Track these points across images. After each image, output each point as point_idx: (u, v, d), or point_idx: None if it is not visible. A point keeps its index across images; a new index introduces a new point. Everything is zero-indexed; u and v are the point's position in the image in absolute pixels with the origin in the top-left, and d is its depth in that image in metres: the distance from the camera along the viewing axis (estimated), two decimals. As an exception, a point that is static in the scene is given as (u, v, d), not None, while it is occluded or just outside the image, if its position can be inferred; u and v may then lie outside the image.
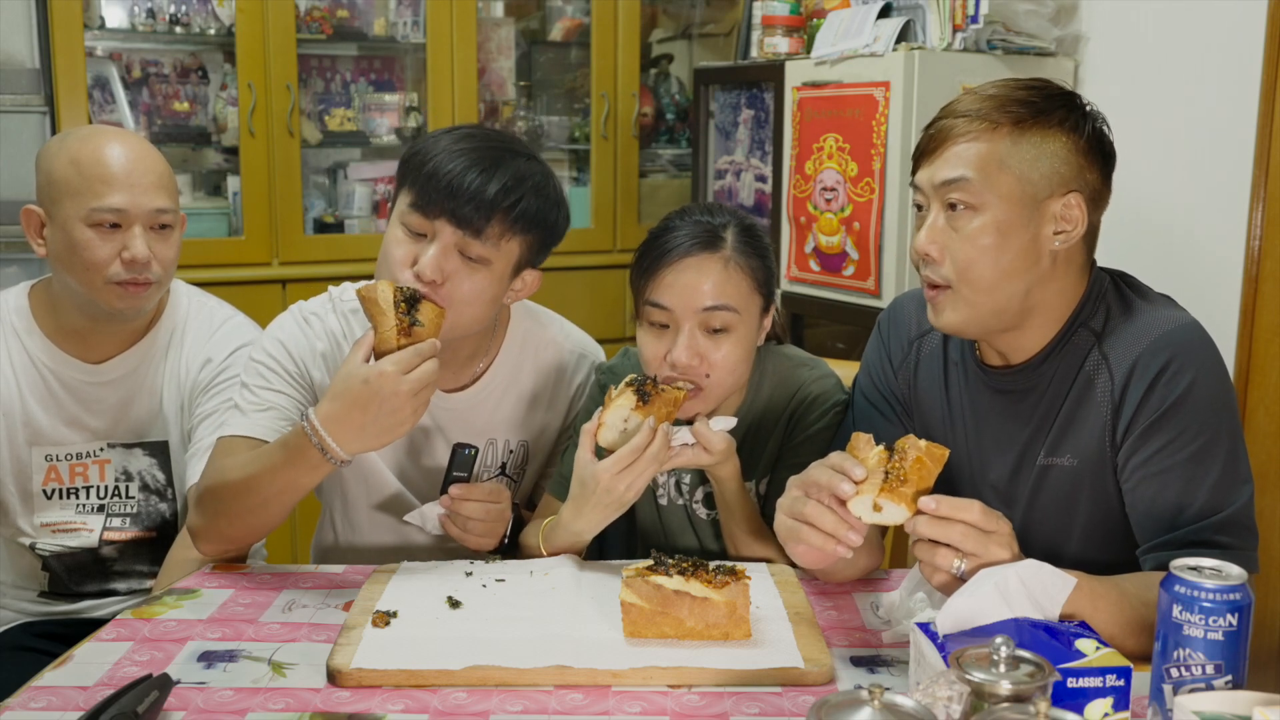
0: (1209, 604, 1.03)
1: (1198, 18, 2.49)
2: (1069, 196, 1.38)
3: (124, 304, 1.69)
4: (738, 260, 1.57)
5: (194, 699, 1.19)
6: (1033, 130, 1.37)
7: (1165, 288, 1.49)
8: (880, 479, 1.22)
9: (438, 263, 1.52)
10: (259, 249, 3.29)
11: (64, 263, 1.67)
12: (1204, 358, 1.37)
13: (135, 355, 1.78)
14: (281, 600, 1.46)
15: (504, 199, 1.52)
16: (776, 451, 1.69)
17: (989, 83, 1.44)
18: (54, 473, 1.77)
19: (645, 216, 3.77)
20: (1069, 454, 1.42)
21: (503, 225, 1.53)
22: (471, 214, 1.51)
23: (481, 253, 1.54)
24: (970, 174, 1.37)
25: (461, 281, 1.54)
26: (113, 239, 1.65)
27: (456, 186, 1.51)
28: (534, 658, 1.24)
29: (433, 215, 1.52)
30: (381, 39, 3.59)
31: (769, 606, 1.39)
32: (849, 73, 2.77)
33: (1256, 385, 2.34)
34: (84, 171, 1.64)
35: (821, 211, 2.85)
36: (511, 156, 1.57)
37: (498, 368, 1.76)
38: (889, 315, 1.66)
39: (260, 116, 3.24)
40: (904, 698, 0.91)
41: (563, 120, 3.88)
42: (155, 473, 1.81)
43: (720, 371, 1.56)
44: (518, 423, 1.78)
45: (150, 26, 3.33)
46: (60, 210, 1.65)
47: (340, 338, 1.70)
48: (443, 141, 1.57)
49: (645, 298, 1.58)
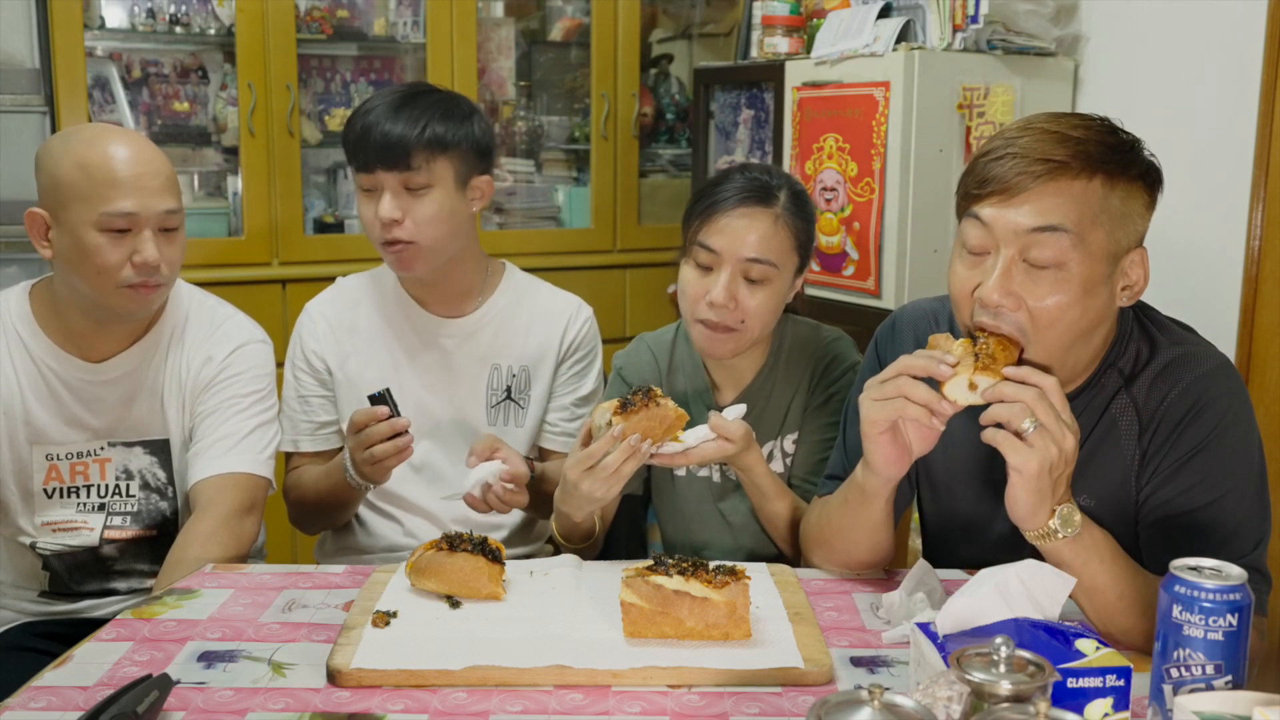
0: (1209, 604, 1.03)
1: (1198, 18, 2.49)
2: (1136, 252, 1.32)
3: (135, 306, 1.70)
4: (786, 219, 1.70)
5: (194, 699, 1.19)
6: (1120, 183, 1.28)
7: (1165, 288, 1.48)
8: (972, 361, 1.26)
9: (391, 204, 1.80)
10: (259, 249, 3.28)
11: (73, 266, 1.67)
12: (1232, 403, 1.36)
13: (136, 354, 1.78)
14: (281, 600, 1.46)
15: (413, 130, 1.79)
16: (801, 409, 1.80)
17: (1045, 116, 1.33)
18: (54, 471, 1.77)
19: (645, 216, 3.77)
20: (1085, 494, 1.40)
21: (424, 152, 1.79)
22: (397, 156, 1.78)
23: (420, 180, 1.81)
24: (1067, 224, 1.25)
25: (416, 209, 1.81)
26: (123, 243, 1.65)
27: (377, 139, 1.79)
28: (534, 658, 1.24)
29: (371, 169, 1.80)
30: (381, 39, 3.58)
31: (769, 606, 1.39)
32: (849, 73, 2.77)
33: (1256, 385, 2.34)
34: (92, 175, 1.63)
35: (821, 211, 2.85)
36: (414, 96, 1.84)
37: (496, 300, 1.99)
38: (888, 336, 1.63)
39: (260, 116, 3.24)
40: (904, 698, 0.91)
41: (563, 120, 3.88)
42: (156, 471, 1.81)
43: (752, 319, 1.69)
44: (518, 350, 1.98)
45: (150, 26, 3.33)
46: (68, 215, 1.65)
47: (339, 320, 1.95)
48: (361, 108, 1.84)
49: (695, 239, 1.71)
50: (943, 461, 1.53)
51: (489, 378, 1.97)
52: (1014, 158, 1.27)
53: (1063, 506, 1.24)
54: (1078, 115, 1.34)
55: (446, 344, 1.96)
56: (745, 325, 1.69)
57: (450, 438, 1.96)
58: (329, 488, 1.85)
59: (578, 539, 1.73)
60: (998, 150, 1.30)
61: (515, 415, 1.98)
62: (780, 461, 1.81)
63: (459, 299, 1.97)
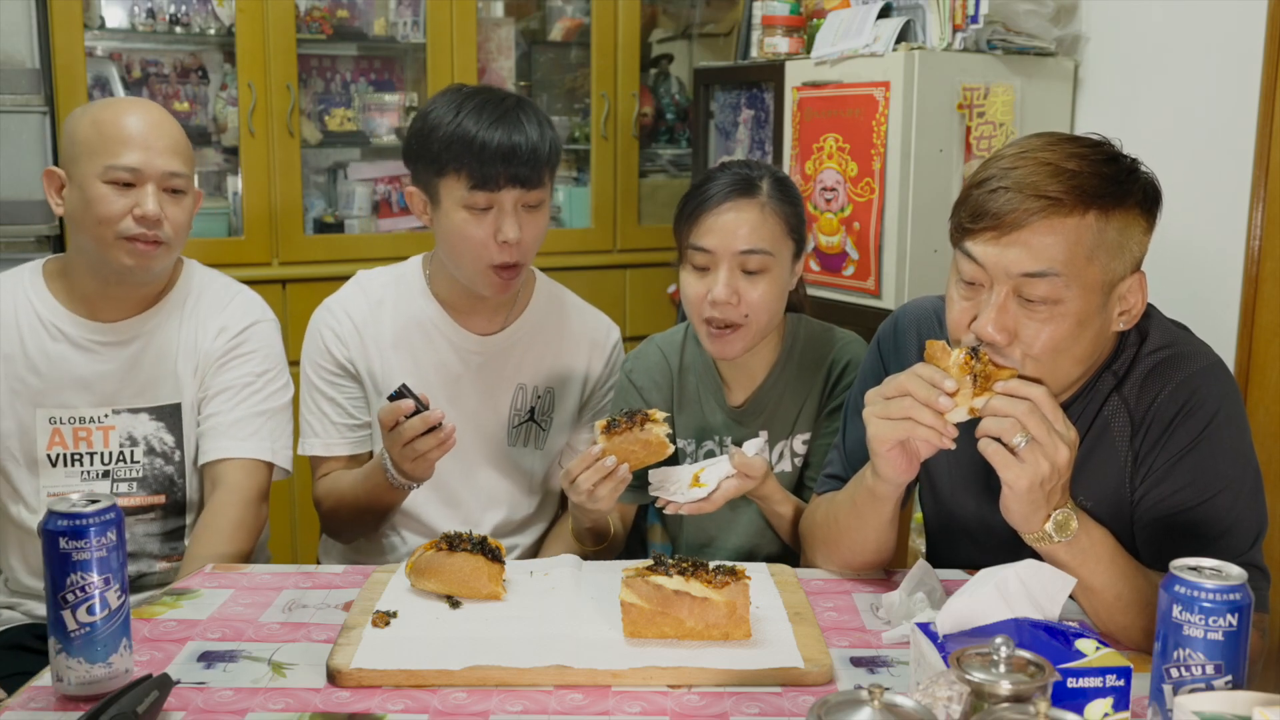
0: (1209, 604, 1.03)
1: (1198, 18, 2.49)
2: (1132, 278, 1.32)
3: (134, 260, 1.71)
4: (772, 206, 1.71)
5: (194, 699, 1.19)
6: (1116, 215, 1.27)
7: (1165, 288, 1.48)
8: (970, 385, 1.26)
9: (513, 224, 1.73)
10: (259, 249, 3.28)
11: (78, 220, 1.71)
12: (1223, 401, 1.36)
13: (148, 319, 1.79)
14: (281, 600, 1.46)
15: (543, 144, 1.73)
16: (814, 410, 1.81)
17: (1041, 142, 1.31)
18: (58, 436, 1.77)
19: (645, 216, 3.77)
20: (1082, 496, 1.40)
21: (547, 168, 1.75)
22: (529, 172, 1.72)
23: (540, 196, 1.76)
24: (1058, 269, 1.25)
25: (530, 229, 1.76)
26: (126, 195, 1.69)
27: (510, 153, 1.69)
28: (534, 658, 1.24)
29: (498, 187, 1.71)
30: (381, 39, 3.58)
31: (769, 606, 1.39)
32: (849, 73, 2.77)
33: (1256, 385, 2.34)
34: (103, 131, 1.69)
35: (821, 211, 2.85)
36: (515, 103, 1.76)
37: (527, 317, 1.93)
38: (890, 334, 1.62)
39: (260, 116, 3.24)
40: (904, 698, 0.91)
41: (563, 120, 3.88)
42: (163, 435, 1.80)
43: (757, 310, 1.69)
44: (545, 371, 1.93)
45: (150, 26, 3.33)
46: (79, 169, 1.70)
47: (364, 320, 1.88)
48: (466, 119, 1.72)
49: (688, 242, 1.72)
50: (945, 463, 1.53)
51: (514, 397, 1.92)
52: (1007, 191, 1.26)
53: (1058, 512, 1.25)
54: (1075, 141, 1.31)
55: (474, 360, 1.90)
56: (751, 319, 1.70)
57: (469, 456, 1.90)
58: (368, 491, 1.79)
59: (590, 542, 1.75)
60: (991, 181, 1.28)
61: (536, 437, 1.94)
62: (789, 461, 1.81)
63: (493, 312, 1.91)
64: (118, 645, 1.19)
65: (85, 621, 1.17)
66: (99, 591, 1.17)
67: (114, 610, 1.18)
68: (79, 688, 1.17)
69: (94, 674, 1.18)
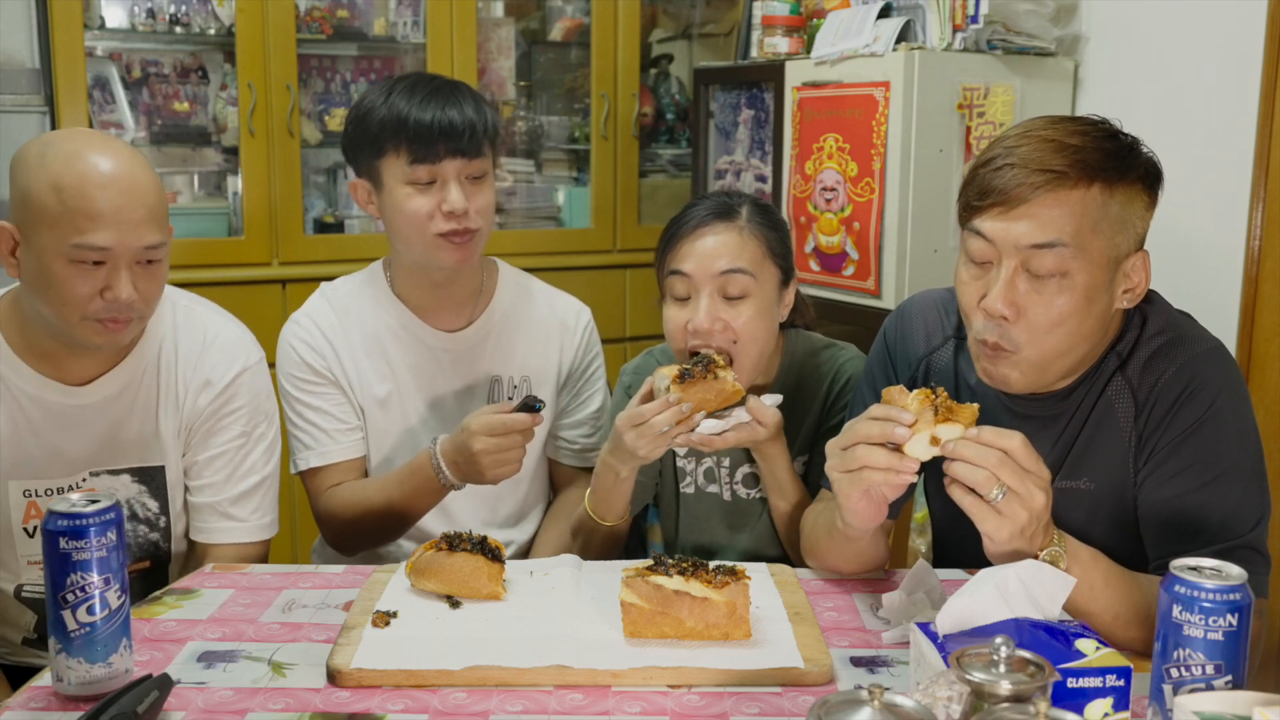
0: (1209, 604, 1.03)
1: (1198, 18, 2.49)
2: (1137, 256, 1.33)
3: (101, 340, 1.53)
4: (751, 229, 1.66)
5: (194, 699, 1.19)
6: (1119, 189, 1.29)
7: (1165, 287, 1.49)
8: (931, 415, 1.23)
9: (459, 193, 1.76)
10: (259, 249, 3.28)
11: (37, 293, 1.50)
12: (1226, 384, 1.36)
13: (122, 375, 1.62)
14: (281, 600, 1.46)
15: (479, 116, 1.77)
16: (813, 429, 1.75)
17: (1043, 121, 1.33)
18: (34, 509, 1.62)
19: (645, 217, 3.77)
20: (1086, 477, 1.41)
21: (485, 139, 1.78)
22: (467, 142, 1.75)
23: (483, 167, 1.80)
24: (1065, 239, 1.27)
25: (478, 198, 1.79)
26: (94, 275, 1.47)
27: (448, 126, 1.74)
28: (534, 658, 1.24)
29: (437, 159, 1.75)
30: (381, 39, 3.58)
31: (769, 606, 1.39)
32: (849, 73, 2.77)
33: (1256, 385, 2.34)
34: (67, 202, 1.44)
35: (821, 211, 2.85)
36: (445, 82, 1.81)
37: (494, 309, 1.94)
38: (896, 326, 1.62)
39: (260, 116, 3.24)
40: (904, 698, 0.91)
41: (563, 120, 3.88)
42: (145, 500, 1.67)
43: (744, 338, 1.63)
44: (518, 361, 1.95)
45: (150, 26, 3.33)
46: (37, 238, 1.46)
47: (333, 329, 1.88)
48: (397, 99, 1.77)
49: (667, 269, 1.67)
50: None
51: (489, 391, 1.94)
52: (1012, 168, 1.29)
53: (1044, 552, 1.24)
54: (1076, 120, 1.34)
55: (446, 358, 1.91)
56: (739, 347, 1.63)
57: None
58: (405, 495, 1.78)
59: (613, 516, 1.71)
60: (997, 160, 1.31)
61: None
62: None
63: (459, 306, 1.92)
64: (118, 645, 1.19)
65: (85, 621, 1.17)
66: (99, 591, 1.17)
67: (114, 610, 1.18)
68: (79, 688, 1.17)
69: (94, 674, 1.18)
